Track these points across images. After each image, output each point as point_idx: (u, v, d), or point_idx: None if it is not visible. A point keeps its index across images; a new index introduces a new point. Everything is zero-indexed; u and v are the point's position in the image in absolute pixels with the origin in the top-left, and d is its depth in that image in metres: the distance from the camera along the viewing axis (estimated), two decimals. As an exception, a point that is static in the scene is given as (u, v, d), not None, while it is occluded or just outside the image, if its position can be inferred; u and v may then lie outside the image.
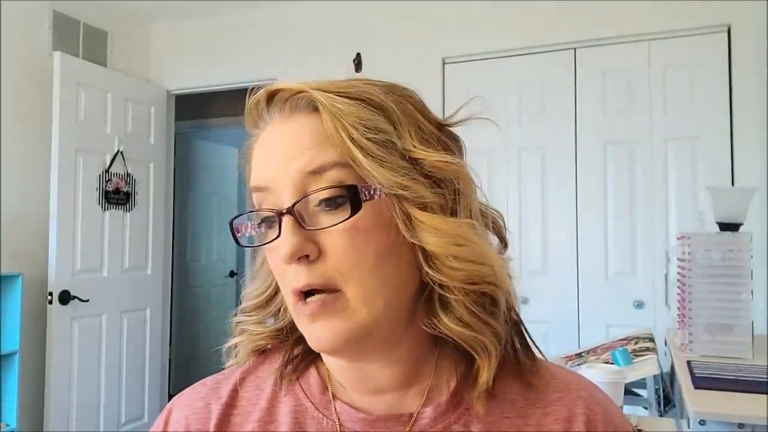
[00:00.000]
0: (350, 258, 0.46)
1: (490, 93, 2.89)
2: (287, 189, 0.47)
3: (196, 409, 0.55)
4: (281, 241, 0.45)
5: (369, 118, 0.47)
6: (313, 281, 0.46)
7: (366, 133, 0.46)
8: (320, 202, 0.46)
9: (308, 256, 0.46)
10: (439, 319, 0.49)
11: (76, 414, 2.93)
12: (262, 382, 0.56)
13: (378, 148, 0.46)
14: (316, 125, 0.47)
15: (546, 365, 0.55)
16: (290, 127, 0.48)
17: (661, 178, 2.64)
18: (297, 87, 0.49)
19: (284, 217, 0.46)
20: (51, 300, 2.83)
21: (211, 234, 4.87)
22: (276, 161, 0.48)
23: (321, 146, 0.46)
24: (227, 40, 3.46)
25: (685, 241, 1.86)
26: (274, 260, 0.49)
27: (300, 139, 0.47)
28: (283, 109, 0.49)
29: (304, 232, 0.46)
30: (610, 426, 0.51)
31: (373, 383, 0.52)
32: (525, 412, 0.51)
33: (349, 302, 0.46)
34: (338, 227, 0.45)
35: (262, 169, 0.49)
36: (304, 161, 0.46)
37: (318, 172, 0.46)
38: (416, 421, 0.50)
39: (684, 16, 2.61)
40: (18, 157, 2.86)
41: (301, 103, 0.48)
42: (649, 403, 1.75)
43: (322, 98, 0.47)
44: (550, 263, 2.77)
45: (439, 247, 0.46)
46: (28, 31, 2.94)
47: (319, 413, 0.52)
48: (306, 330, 0.48)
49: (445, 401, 0.51)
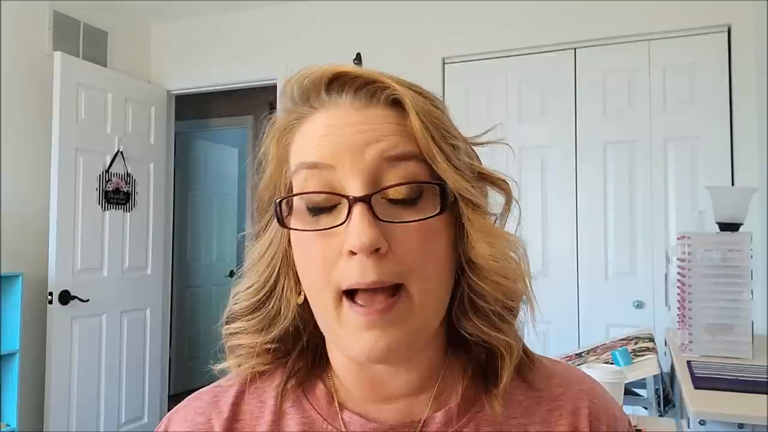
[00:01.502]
0: (419, 256, 0.44)
1: (490, 93, 2.89)
2: (358, 173, 0.44)
3: (198, 425, 0.53)
4: (355, 230, 0.42)
5: (446, 122, 0.48)
6: (383, 277, 0.43)
7: (446, 136, 0.47)
8: (391, 193, 0.45)
9: (378, 250, 0.43)
10: (471, 322, 0.49)
11: (76, 414, 2.93)
12: (263, 394, 0.54)
13: (453, 153, 0.47)
14: (397, 119, 0.46)
15: (541, 361, 0.55)
16: (367, 115, 0.46)
17: (661, 178, 2.64)
18: (376, 76, 0.47)
19: (359, 205, 0.43)
20: (51, 300, 2.83)
21: (211, 234, 4.88)
22: (347, 143, 0.45)
23: (403, 137, 0.45)
24: (227, 40, 3.46)
25: (685, 241, 1.86)
26: (322, 251, 0.45)
27: (379, 126, 0.46)
28: (356, 97, 0.47)
29: (379, 223, 0.43)
30: (611, 417, 0.53)
31: (386, 390, 0.51)
32: (530, 411, 0.51)
33: (412, 302, 0.44)
34: (412, 224, 0.44)
35: (324, 147, 0.45)
36: (385, 145, 0.45)
37: (398, 159, 0.45)
38: (427, 426, 0.50)
39: (684, 16, 2.61)
40: (18, 157, 2.86)
41: (381, 95, 0.47)
42: (649, 403, 1.75)
43: (407, 95, 0.46)
44: (550, 263, 2.77)
45: (489, 260, 0.47)
46: (28, 31, 2.94)
47: (328, 425, 0.51)
48: (353, 338, 0.44)
49: (455, 405, 0.51)
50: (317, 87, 0.48)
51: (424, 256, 0.45)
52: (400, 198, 0.45)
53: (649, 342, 1.91)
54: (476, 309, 0.49)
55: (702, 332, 1.82)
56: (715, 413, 1.33)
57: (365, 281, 0.43)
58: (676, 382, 1.78)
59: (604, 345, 2.04)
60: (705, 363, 1.71)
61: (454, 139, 0.48)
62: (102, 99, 3.14)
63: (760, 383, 1.49)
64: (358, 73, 0.47)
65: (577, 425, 0.51)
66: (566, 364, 0.57)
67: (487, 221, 0.48)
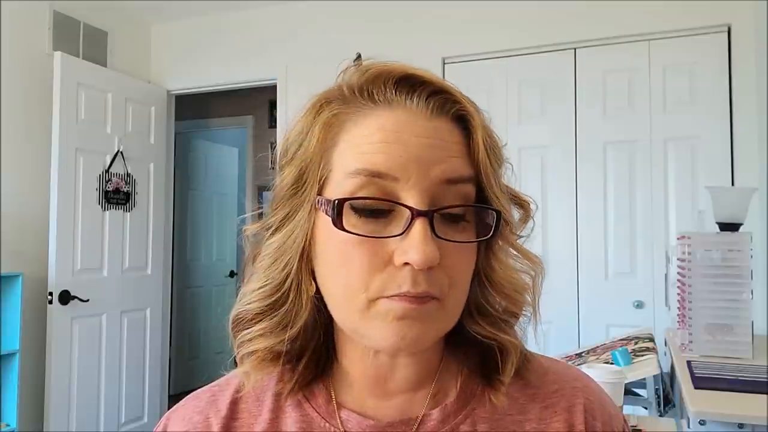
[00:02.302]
0: (460, 273, 0.47)
1: (490, 93, 2.89)
2: (421, 188, 0.44)
3: (196, 423, 0.53)
4: (416, 244, 0.43)
5: (498, 142, 0.50)
6: (432, 290, 0.44)
7: (498, 158, 0.49)
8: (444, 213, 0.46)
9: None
10: (478, 324, 0.51)
11: (76, 414, 2.93)
12: (261, 393, 0.54)
13: (499, 176, 0.49)
14: (461, 137, 0.47)
15: (536, 358, 0.56)
16: (435, 127, 0.46)
17: (661, 178, 2.64)
18: (448, 87, 0.47)
19: (421, 219, 0.43)
20: (51, 300, 2.83)
21: (211, 234, 4.88)
22: (415, 156, 0.44)
23: (463, 159, 0.47)
24: (227, 40, 3.46)
25: (685, 241, 1.86)
26: (368, 256, 0.44)
27: (446, 144, 0.46)
28: (427, 103, 0.47)
29: (436, 239, 0.44)
30: (606, 414, 0.53)
31: (388, 385, 0.51)
32: (526, 408, 0.52)
33: (444, 308, 0.46)
34: (458, 243, 0.46)
35: (391, 156, 0.44)
36: (449, 168, 0.45)
37: (455, 182, 0.46)
38: (423, 423, 0.50)
39: (684, 16, 2.61)
40: (18, 157, 2.86)
41: (451, 108, 0.47)
42: (649, 403, 1.75)
43: (476, 116, 0.47)
44: (550, 263, 2.74)
45: (508, 277, 0.50)
46: (28, 31, 2.94)
47: (325, 423, 0.51)
48: (382, 326, 0.45)
49: (452, 402, 0.51)
50: (384, 82, 0.47)
51: (463, 272, 0.47)
52: (451, 216, 0.46)
53: (649, 342, 1.91)
54: (484, 313, 0.51)
55: (702, 332, 1.81)
56: (715, 413, 1.33)
57: (416, 291, 0.44)
58: (676, 382, 1.78)
59: (604, 345, 2.04)
60: (705, 363, 1.71)
61: (501, 161, 0.50)
62: (102, 99, 3.14)
63: (760, 383, 1.49)
64: (431, 78, 0.47)
65: (573, 422, 0.51)
66: (562, 362, 0.58)
67: (513, 239, 0.51)
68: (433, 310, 0.45)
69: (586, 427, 0.51)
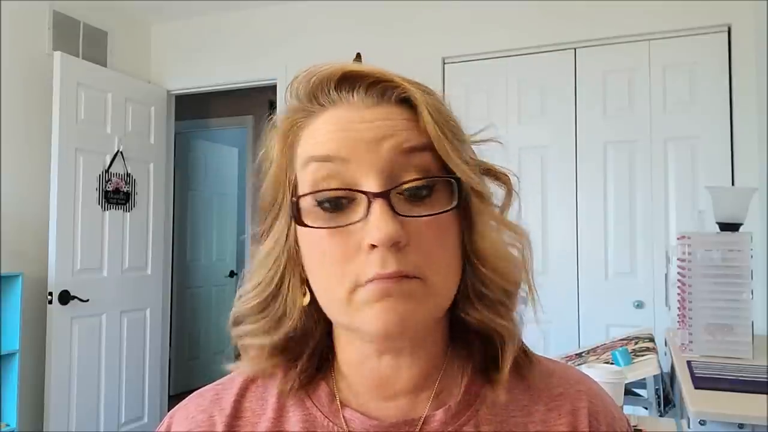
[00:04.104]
0: (435, 248, 0.46)
1: (490, 93, 2.89)
2: (375, 168, 0.45)
3: (200, 422, 0.53)
4: (375, 225, 0.43)
5: (454, 118, 0.49)
6: (404, 268, 0.44)
7: (456, 133, 0.48)
8: (405, 189, 0.45)
9: (397, 243, 0.44)
10: (475, 309, 0.50)
11: (76, 414, 2.93)
12: (265, 392, 0.54)
13: (462, 149, 0.48)
14: (408, 115, 0.47)
15: (540, 360, 0.56)
16: (378, 112, 0.47)
17: (661, 178, 2.64)
18: (385, 75, 0.48)
19: (378, 200, 0.44)
20: (51, 300, 2.83)
21: (211, 234, 4.88)
22: (362, 138, 0.45)
23: (414, 131, 0.46)
24: (227, 41, 3.46)
25: (685, 241, 1.86)
26: (339, 247, 0.45)
27: (392, 122, 0.46)
28: (367, 95, 0.48)
29: (398, 217, 0.44)
30: (609, 417, 0.53)
31: (390, 387, 0.51)
32: (530, 410, 0.52)
33: (433, 288, 0.45)
34: (427, 218, 0.45)
35: (338, 141, 0.46)
36: (400, 139, 0.46)
37: (412, 151, 0.46)
38: (427, 424, 0.50)
39: (684, 16, 2.61)
40: (18, 157, 2.86)
41: (392, 93, 0.48)
42: (649, 403, 1.75)
43: (418, 94, 0.47)
44: (550, 263, 2.77)
45: (496, 247, 0.49)
46: (28, 31, 2.94)
47: (329, 422, 0.51)
48: (365, 312, 0.45)
49: (456, 404, 0.51)
50: (326, 85, 0.48)
51: (439, 248, 0.46)
52: (414, 191, 0.46)
53: (649, 342, 1.91)
54: (480, 296, 0.50)
55: (702, 332, 1.81)
56: (715, 413, 1.33)
57: (386, 271, 0.44)
58: (676, 382, 1.78)
59: (604, 345, 2.04)
60: (705, 363, 1.71)
61: (462, 135, 0.49)
62: (102, 99, 3.14)
63: (760, 383, 1.49)
64: (369, 71, 0.48)
65: (577, 425, 0.51)
66: (565, 364, 0.58)
67: (494, 212, 0.50)
68: (415, 289, 0.44)
69: (590, 430, 0.51)
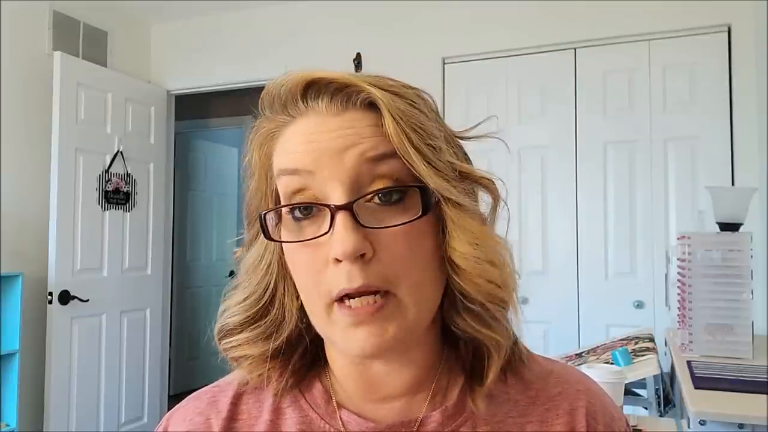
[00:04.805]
0: (405, 259, 0.44)
1: (490, 93, 2.89)
2: (339, 179, 0.44)
3: (197, 424, 0.53)
4: (337, 238, 0.42)
5: (423, 122, 0.46)
6: (370, 282, 0.43)
7: (424, 137, 0.46)
8: (374, 196, 0.44)
9: (363, 255, 0.43)
10: (462, 319, 0.49)
11: (76, 414, 2.93)
12: (261, 394, 0.54)
13: (433, 154, 0.46)
14: (375, 120, 0.46)
15: (538, 360, 0.55)
16: (343, 119, 0.46)
17: (661, 178, 2.64)
18: (350, 80, 0.46)
19: (341, 213, 0.43)
20: (51, 300, 2.83)
21: (211, 234, 4.88)
22: (326, 148, 0.45)
23: (381, 137, 0.45)
24: (227, 40, 3.46)
25: (685, 241, 1.86)
26: (310, 260, 0.45)
27: (357, 130, 0.45)
28: (332, 102, 0.46)
29: (362, 229, 0.43)
30: (608, 416, 0.53)
31: (383, 390, 0.51)
32: (527, 410, 0.52)
33: (401, 303, 0.44)
34: (396, 227, 0.44)
35: (304, 153, 0.45)
36: (364, 148, 0.44)
37: (378, 159, 0.44)
38: (424, 425, 0.50)
39: (684, 16, 2.61)
40: (18, 157, 2.86)
41: (356, 99, 0.46)
42: (649, 403, 1.75)
43: (382, 97, 0.45)
44: (550, 263, 2.77)
45: (471, 261, 0.46)
46: (28, 31, 2.94)
47: (325, 423, 0.51)
48: (345, 335, 0.45)
49: (452, 405, 0.51)
50: (294, 95, 0.47)
51: (410, 258, 0.45)
52: (381, 199, 0.44)
53: (649, 342, 1.91)
54: (466, 307, 0.48)
55: (702, 332, 1.81)
56: (715, 413, 1.33)
57: (352, 287, 0.43)
58: (676, 382, 1.78)
59: (604, 345, 2.04)
60: (705, 363, 1.71)
61: (435, 140, 0.46)
62: (102, 99, 3.14)
63: (760, 383, 1.49)
64: (332, 77, 0.46)
65: (574, 425, 0.51)
66: (564, 364, 0.57)
67: (472, 222, 0.47)
68: (389, 312, 0.44)
69: (588, 430, 0.51)
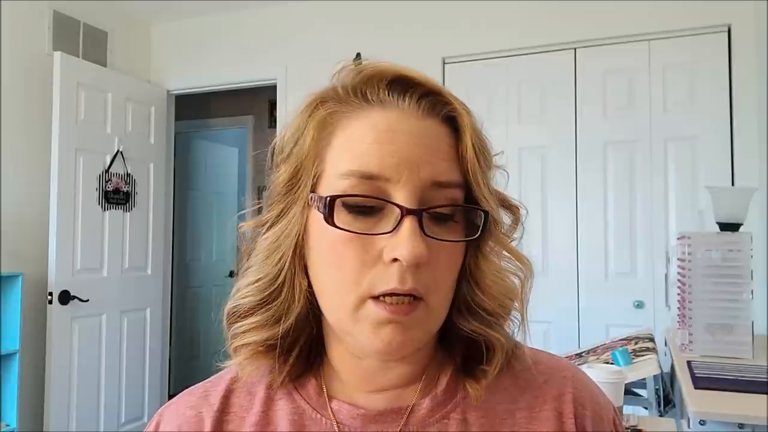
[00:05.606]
0: (444, 272, 0.47)
1: (490, 93, 2.89)
2: (413, 185, 0.45)
3: (188, 418, 0.53)
4: (406, 241, 0.44)
5: (488, 144, 0.50)
6: (417, 287, 0.45)
7: (488, 160, 0.49)
8: (436, 209, 0.46)
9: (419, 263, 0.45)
10: (467, 321, 0.51)
11: (76, 414, 2.93)
12: (253, 387, 0.55)
13: (488, 176, 0.49)
14: (450, 139, 0.48)
15: (526, 351, 0.56)
16: (425, 127, 0.47)
17: (661, 178, 2.64)
18: (441, 89, 0.48)
19: (410, 217, 0.44)
20: (51, 300, 2.83)
21: (211, 234, 4.87)
22: (406, 156, 0.45)
23: (452, 162, 0.47)
24: (227, 41, 3.46)
25: (685, 241, 1.86)
26: (359, 253, 0.45)
27: (437, 146, 0.47)
28: (418, 104, 0.48)
29: (425, 237, 0.45)
30: (595, 403, 0.54)
31: (378, 383, 0.52)
32: (516, 398, 0.53)
33: (430, 310, 0.47)
34: (444, 241, 0.46)
35: (383, 157, 0.45)
36: (438, 171, 0.46)
37: (443, 186, 0.46)
38: (414, 412, 0.51)
39: (684, 16, 2.61)
40: (18, 157, 2.86)
41: (441, 110, 0.48)
42: (649, 403, 1.75)
43: (467, 120, 0.48)
44: (550, 263, 2.77)
45: (495, 279, 0.50)
46: (28, 31, 2.94)
47: (317, 413, 0.52)
48: (372, 331, 0.46)
49: (442, 391, 0.52)
50: (377, 83, 0.48)
51: (446, 271, 0.47)
52: (440, 216, 0.47)
53: (649, 342, 1.91)
54: (473, 312, 0.51)
55: (702, 332, 1.82)
56: (715, 413, 1.33)
57: (404, 288, 0.44)
58: (676, 382, 1.78)
59: (604, 345, 2.04)
60: (705, 363, 1.71)
61: (491, 160, 0.50)
62: (102, 99, 3.14)
63: (760, 383, 1.49)
64: (423, 80, 0.48)
65: (562, 410, 0.52)
66: (551, 354, 0.58)
67: (503, 239, 0.51)
68: (420, 316, 0.46)
69: (575, 416, 0.51)
